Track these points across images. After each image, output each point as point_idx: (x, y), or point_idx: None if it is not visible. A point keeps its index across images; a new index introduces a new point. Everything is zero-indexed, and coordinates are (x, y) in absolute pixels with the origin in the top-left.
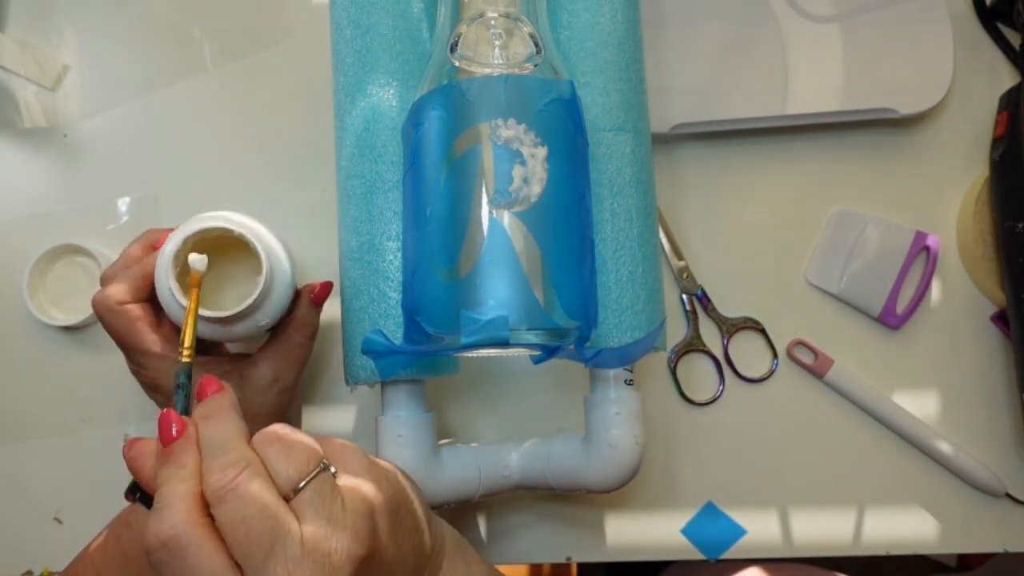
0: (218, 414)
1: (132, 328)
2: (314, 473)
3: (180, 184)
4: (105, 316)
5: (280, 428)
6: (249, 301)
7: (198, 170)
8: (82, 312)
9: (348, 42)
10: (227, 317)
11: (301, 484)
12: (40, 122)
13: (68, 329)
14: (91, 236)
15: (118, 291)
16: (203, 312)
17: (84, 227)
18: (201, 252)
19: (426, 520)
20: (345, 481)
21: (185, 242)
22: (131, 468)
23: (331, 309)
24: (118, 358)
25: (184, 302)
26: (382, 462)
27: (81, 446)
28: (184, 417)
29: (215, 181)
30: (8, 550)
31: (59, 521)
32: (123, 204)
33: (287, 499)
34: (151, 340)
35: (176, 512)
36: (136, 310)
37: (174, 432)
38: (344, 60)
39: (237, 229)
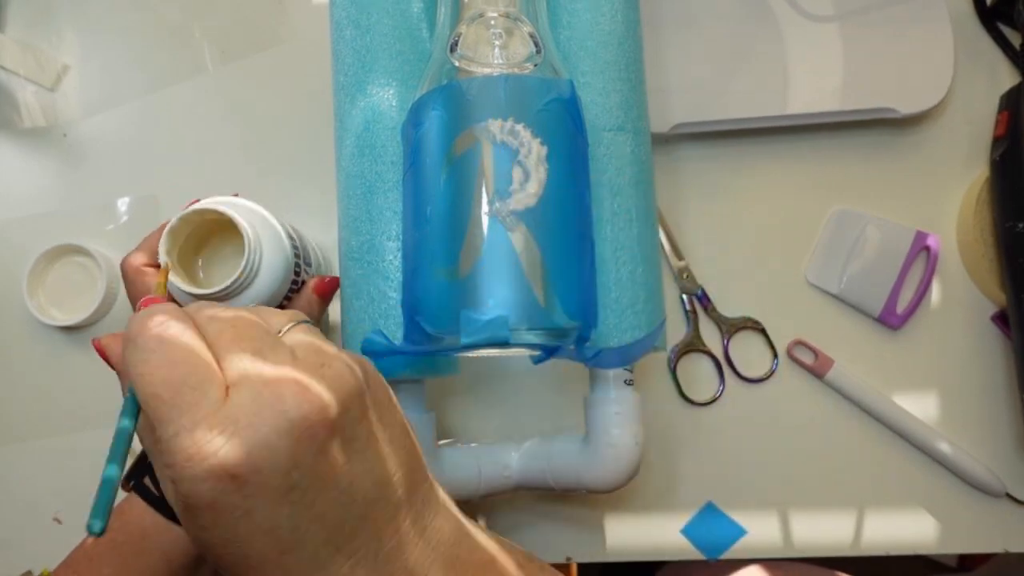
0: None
1: (146, 292)
2: (301, 320)
3: (180, 184)
4: (126, 278)
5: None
6: (228, 282)
7: (198, 170)
8: (82, 312)
9: (348, 42)
10: (205, 295)
11: (288, 326)
12: (40, 122)
13: (68, 329)
14: (91, 236)
15: (138, 256)
16: (189, 289)
17: (84, 227)
18: (206, 235)
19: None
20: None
21: (182, 220)
22: (105, 357)
23: (331, 309)
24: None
25: (173, 278)
26: None
27: (81, 446)
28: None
29: (215, 181)
30: (8, 550)
31: (59, 521)
32: (123, 204)
33: None
34: None
35: (168, 307)
36: (154, 275)
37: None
38: (344, 60)
39: (226, 210)
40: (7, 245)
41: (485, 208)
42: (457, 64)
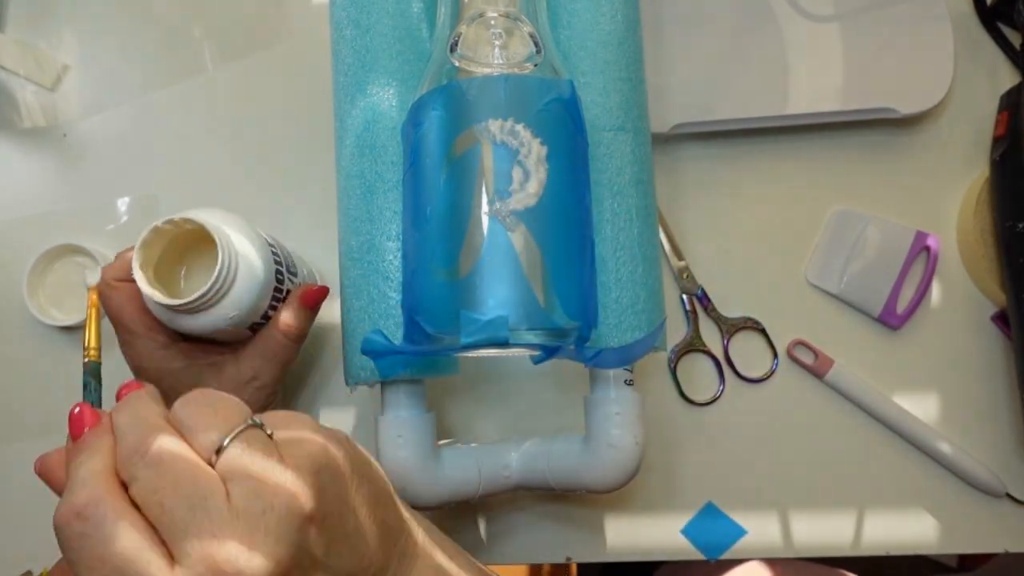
0: (133, 401)
1: (122, 305)
2: (240, 429)
3: (179, 184)
4: (103, 292)
5: (200, 391)
6: (201, 291)
7: (197, 170)
8: (82, 312)
9: (348, 42)
10: (178, 305)
11: (225, 442)
12: (39, 122)
13: (68, 329)
14: (90, 236)
15: (114, 270)
16: (158, 298)
17: (83, 227)
18: (182, 249)
19: (400, 502)
20: (285, 437)
21: (154, 232)
22: (47, 482)
23: (331, 309)
24: (118, 358)
25: (147, 289)
26: (335, 430)
27: None
28: (97, 409)
29: (214, 181)
30: (8, 550)
31: None
32: (122, 204)
33: (211, 463)
34: (135, 319)
35: (92, 481)
36: (129, 289)
37: (86, 423)
38: (344, 60)
39: (198, 219)
40: (7, 245)
41: (485, 208)
42: (457, 64)
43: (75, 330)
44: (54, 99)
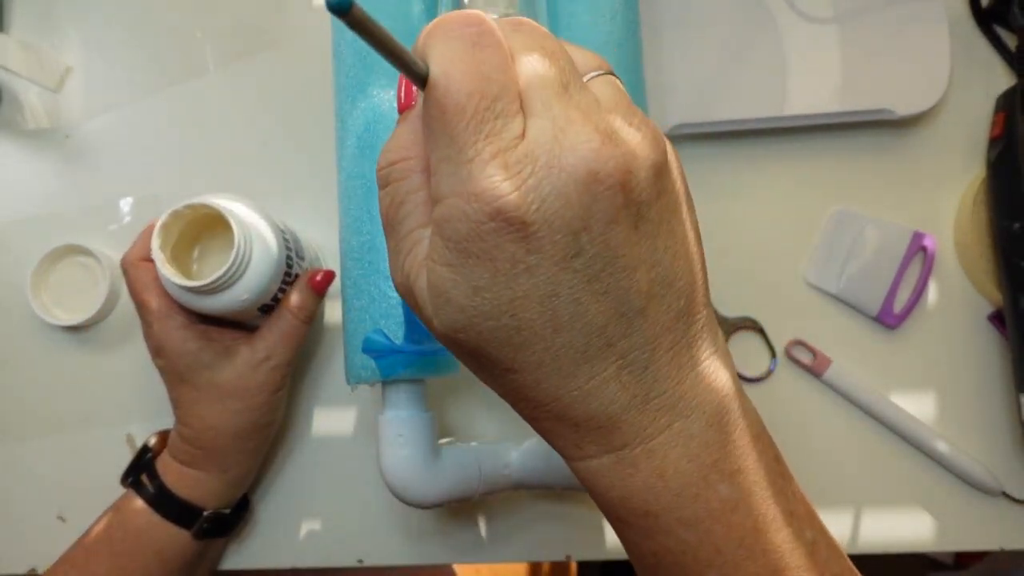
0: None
1: (143, 285)
2: (607, 70)
3: (182, 184)
4: (126, 272)
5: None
6: (217, 274)
7: (200, 170)
8: (85, 312)
9: (349, 43)
10: (195, 287)
11: (594, 73)
12: (43, 123)
13: (71, 329)
14: (94, 236)
15: (136, 250)
16: (180, 281)
17: (87, 227)
18: (197, 232)
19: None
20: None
21: (173, 215)
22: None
23: (332, 309)
24: (121, 358)
25: (165, 270)
26: None
27: (84, 445)
28: None
29: (217, 181)
30: (12, 549)
31: (63, 520)
32: (125, 204)
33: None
34: (155, 299)
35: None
36: (152, 269)
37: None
38: (345, 61)
39: (215, 204)
40: (11, 246)
41: None
42: None
43: (78, 330)
44: (57, 100)
